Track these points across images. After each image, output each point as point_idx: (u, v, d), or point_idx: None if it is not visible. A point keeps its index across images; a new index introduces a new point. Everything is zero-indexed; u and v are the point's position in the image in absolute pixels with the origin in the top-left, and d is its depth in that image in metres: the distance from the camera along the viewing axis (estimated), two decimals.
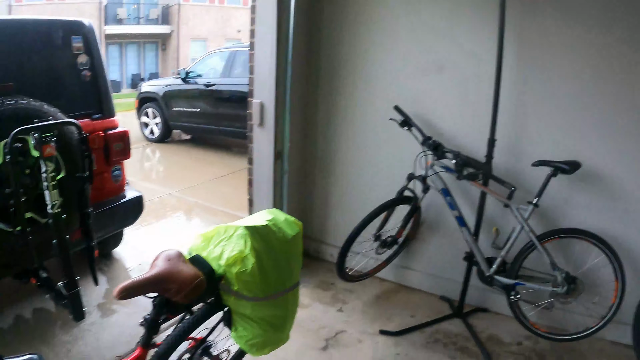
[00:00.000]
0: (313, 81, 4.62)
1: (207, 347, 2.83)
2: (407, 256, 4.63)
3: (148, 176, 9.56)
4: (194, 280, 2.22)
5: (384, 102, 4.18)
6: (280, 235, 2.44)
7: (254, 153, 4.54)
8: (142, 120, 12.18)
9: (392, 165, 4.28)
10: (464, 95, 3.94)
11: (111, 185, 4.56)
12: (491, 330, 4.03)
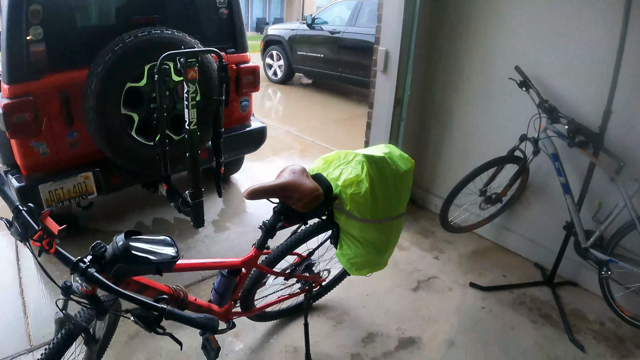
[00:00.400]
0: (437, 34, 4.66)
1: (310, 265, 3.16)
2: (509, 218, 4.67)
3: (268, 114, 9.90)
4: (314, 192, 2.51)
5: (503, 62, 4.20)
6: (393, 168, 2.66)
7: (375, 98, 4.70)
8: (266, 61, 12.65)
9: (506, 124, 4.28)
10: (584, 63, 3.85)
11: (239, 114, 4.97)
12: (577, 305, 4.05)
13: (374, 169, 2.58)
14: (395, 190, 2.68)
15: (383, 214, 2.66)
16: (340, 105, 10.42)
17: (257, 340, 3.41)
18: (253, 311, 3.11)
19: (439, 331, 3.57)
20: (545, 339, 3.61)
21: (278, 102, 11.07)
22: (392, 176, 2.65)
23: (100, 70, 3.60)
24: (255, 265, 2.75)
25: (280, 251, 2.87)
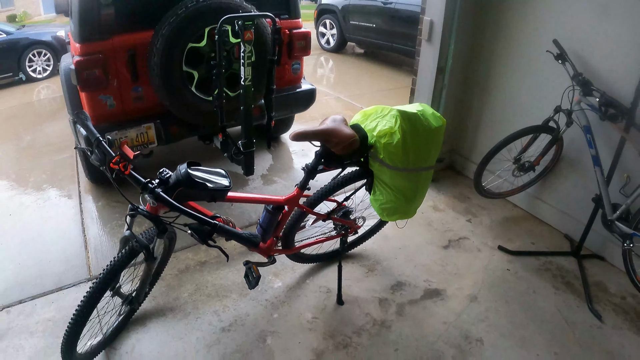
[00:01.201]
0: (484, 4, 4.77)
1: (348, 212, 3.45)
2: (542, 188, 4.79)
3: (320, 81, 10.12)
4: (350, 138, 2.81)
5: (543, 35, 4.29)
6: (425, 124, 2.92)
7: (419, 65, 4.87)
8: (319, 30, 12.86)
9: (543, 95, 4.34)
10: (621, 39, 3.90)
11: (290, 76, 5.29)
12: (601, 278, 4.16)
13: (406, 122, 2.85)
14: (425, 144, 2.96)
15: (413, 164, 2.94)
16: (390, 75, 10.54)
17: (294, 280, 3.73)
18: (293, 250, 3.44)
19: (464, 286, 3.78)
20: (564, 304, 3.77)
21: (330, 70, 11.25)
22: (423, 131, 2.92)
23: (165, 31, 3.98)
24: (296, 204, 3.08)
25: (321, 194, 3.21)
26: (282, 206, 3.02)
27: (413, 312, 3.49)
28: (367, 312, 3.46)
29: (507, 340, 3.35)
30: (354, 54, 12.58)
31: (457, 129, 5.41)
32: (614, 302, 3.87)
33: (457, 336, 3.34)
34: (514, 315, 3.57)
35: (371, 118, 2.96)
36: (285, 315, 3.43)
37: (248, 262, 2.97)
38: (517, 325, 3.49)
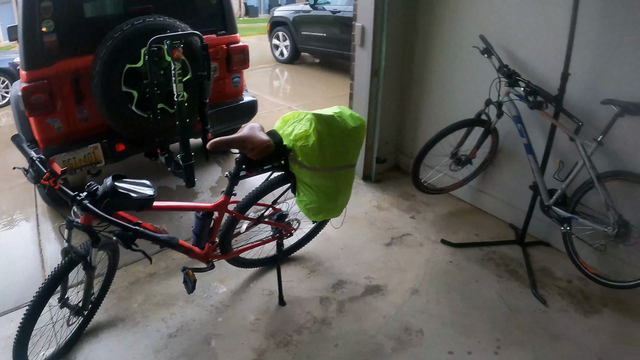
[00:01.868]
0: (414, 6, 4.89)
1: (282, 215, 3.59)
2: (484, 180, 4.90)
3: (276, 92, 10.28)
4: (264, 143, 2.94)
5: (472, 31, 4.39)
6: (342, 125, 3.04)
7: (355, 70, 4.99)
8: (273, 42, 13.03)
9: (476, 90, 4.42)
10: (546, 28, 4.02)
11: (231, 89, 5.44)
12: (546, 263, 4.25)
13: (322, 125, 2.97)
14: (342, 144, 3.08)
15: (331, 164, 3.06)
16: (343, 82, 10.49)
17: (239, 284, 3.79)
18: (230, 254, 3.54)
19: (405, 280, 3.85)
20: (508, 291, 3.85)
21: (285, 81, 11.35)
22: (339, 132, 3.04)
23: (103, 55, 4.14)
24: (226, 210, 3.20)
25: (249, 199, 3.33)
26: (212, 212, 3.14)
27: (353, 308, 3.56)
28: (308, 311, 3.52)
29: (448, 329, 3.42)
30: (309, 64, 12.70)
31: (399, 129, 5.51)
32: (560, 286, 3.96)
33: (397, 328, 3.40)
34: (456, 305, 3.65)
35: (289, 123, 3.09)
36: (230, 319, 3.49)
37: (185, 268, 3.16)
38: (458, 314, 3.57)
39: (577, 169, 3.79)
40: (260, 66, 12.25)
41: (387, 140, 5.30)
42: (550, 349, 3.36)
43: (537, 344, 3.39)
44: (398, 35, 4.93)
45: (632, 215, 3.74)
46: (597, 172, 3.67)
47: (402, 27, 4.95)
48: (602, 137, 3.62)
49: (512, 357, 3.26)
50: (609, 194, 3.67)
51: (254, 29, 21.34)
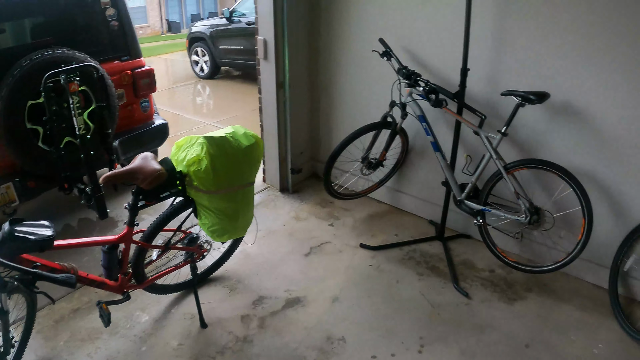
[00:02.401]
0: (315, 16, 4.93)
1: (193, 239, 3.56)
2: (400, 180, 4.96)
3: (199, 109, 10.16)
4: (155, 173, 2.90)
5: (373, 34, 4.44)
6: (235, 145, 3.05)
7: (261, 84, 4.96)
8: (192, 58, 12.85)
9: (383, 93, 4.46)
10: (444, 27, 4.11)
11: (140, 114, 5.33)
12: (468, 256, 4.35)
13: (214, 147, 2.97)
14: (237, 163, 3.08)
15: (226, 185, 3.07)
16: None
17: (160, 311, 3.72)
18: (146, 283, 3.49)
19: (325, 289, 3.86)
20: (429, 288, 3.91)
21: (207, 97, 11.23)
22: (233, 152, 3.05)
23: (4, 93, 4.00)
24: (131, 240, 3.15)
25: (153, 227, 3.29)
26: (117, 245, 3.09)
27: (274, 323, 3.54)
28: (230, 330, 3.49)
29: (370, 334, 3.44)
30: (231, 78, 12.61)
31: (313, 138, 5.53)
32: (482, 277, 4.05)
33: (319, 338, 3.40)
34: (377, 309, 3.67)
35: (182, 149, 3.07)
36: (153, 347, 3.43)
37: (99, 302, 3.10)
38: (380, 317, 3.59)
39: (485, 161, 3.87)
40: (182, 84, 12.13)
41: (301, 150, 5.31)
42: (476, 340, 3.42)
43: (461, 337, 3.44)
44: (301, 46, 4.96)
45: (544, 201, 3.90)
46: (505, 163, 3.75)
47: (305, 38, 4.98)
48: (505, 128, 3.70)
49: (436, 353, 3.30)
50: (518, 183, 3.76)
51: (177, 45, 21.07)
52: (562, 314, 3.71)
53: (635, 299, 3.84)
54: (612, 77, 3.48)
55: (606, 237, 3.84)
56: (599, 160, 3.71)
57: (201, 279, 3.90)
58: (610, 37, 3.42)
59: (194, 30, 12.63)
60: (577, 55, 3.58)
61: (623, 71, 3.43)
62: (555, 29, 3.62)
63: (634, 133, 3.52)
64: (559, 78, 3.69)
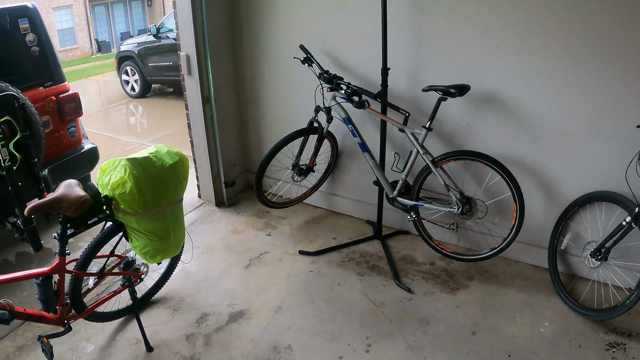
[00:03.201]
0: (237, 28, 4.94)
1: (129, 262, 3.52)
2: (333, 184, 5.00)
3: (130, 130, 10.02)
4: (79, 200, 2.84)
5: (295, 42, 4.47)
6: (159, 164, 3.03)
7: (188, 99, 4.93)
8: (122, 78, 12.62)
9: (309, 98, 4.47)
10: (363, 29, 4.17)
11: (69, 140, 5.19)
12: (407, 251, 4.41)
13: (137, 168, 2.94)
14: (162, 183, 3.06)
15: (153, 206, 3.04)
16: None
17: (105, 339, 3.65)
18: (86, 312, 3.40)
19: (268, 300, 3.86)
20: (371, 287, 3.95)
21: (141, 116, 11.08)
22: (157, 172, 3.03)
23: None
24: (64, 270, 3.07)
25: (86, 255, 3.23)
26: (51, 276, 3.02)
27: (220, 338, 3.52)
28: (176, 351, 3.45)
29: (316, 339, 3.45)
30: (163, 95, 12.48)
31: (244, 149, 5.53)
32: (423, 271, 4.12)
33: (266, 349, 3.40)
34: (321, 313, 3.69)
35: (106, 172, 3.02)
36: None
37: (40, 337, 3.02)
38: (324, 321, 3.61)
39: (413, 157, 3.95)
40: (115, 105, 11.94)
41: (233, 162, 5.30)
42: (422, 333, 3.48)
43: (407, 332, 3.49)
44: (225, 59, 4.96)
45: (475, 190, 4.03)
46: (432, 157, 3.84)
47: (228, 50, 4.98)
48: (430, 123, 3.78)
49: (384, 351, 3.34)
50: (448, 176, 3.85)
51: (108, 65, 20.72)
52: (505, 297, 3.82)
53: (576, 275, 4.01)
54: (529, 65, 3.63)
55: (540, 218, 3.99)
56: (525, 145, 3.85)
57: (143, 302, 3.84)
58: (525, 26, 3.56)
59: (122, 49, 12.43)
60: (494, 45, 3.70)
61: (538, 58, 3.57)
62: (470, 22, 3.73)
63: (554, 117, 3.67)
64: (478, 69, 3.81)
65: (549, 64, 3.57)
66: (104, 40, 30.90)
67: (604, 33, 3.35)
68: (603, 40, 3.36)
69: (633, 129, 3.37)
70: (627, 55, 3.33)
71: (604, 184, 3.69)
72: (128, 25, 33.23)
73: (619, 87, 3.43)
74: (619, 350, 3.35)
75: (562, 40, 3.49)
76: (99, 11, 31.56)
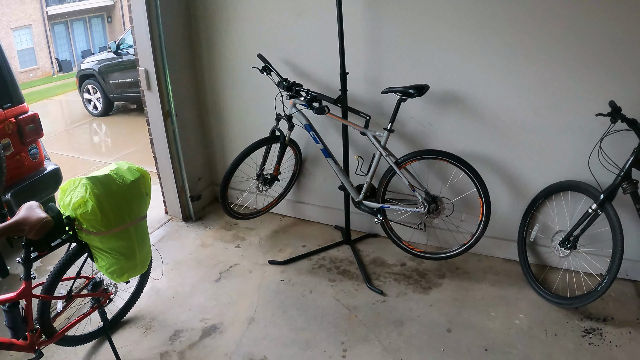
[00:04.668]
0: (195, 40, 4.91)
1: (98, 283, 3.47)
2: (299, 191, 5.01)
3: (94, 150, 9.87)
4: (40, 222, 2.78)
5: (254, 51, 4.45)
6: (120, 182, 3.00)
7: (149, 114, 4.88)
8: (84, 97, 12.45)
9: (270, 108, 4.42)
10: (320, 35, 4.19)
11: (30, 162, 5.08)
12: (377, 254, 4.43)
13: (98, 187, 2.91)
14: (125, 200, 3.03)
15: (116, 224, 3.00)
16: None
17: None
18: (56, 336, 3.33)
19: (240, 312, 3.83)
20: (343, 293, 3.96)
21: (105, 135, 10.95)
22: (118, 189, 3.00)
23: None
24: (31, 295, 2.99)
25: (52, 278, 3.16)
26: (17, 302, 2.96)
27: (194, 354, 3.48)
28: None
29: (291, 349, 3.44)
30: (126, 112, 12.36)
31: (209, 162, 5.50)
32: (394, 272, 4.14)
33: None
34: (294, 322, 3.68)
35: (67, 192, 2.98)
36: None
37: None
38: (298, 330, 3.60)
39: (376, 160, 3.96)
40: (78, 124, 11.78)
41: (198, 176, 5.26)
42: (397, 334, 3.49)
43: (382, 335, 3.50)
44: (185, 73, 4.94)
45: (440, 188, 4.08)
46: (396, 159, 3.86)
47: (187, 63, 4.95)
48: (391, 125, 3.81)
49: (360, 355, 3.35)
50: (412, 176, 3.89)
51: (70, 84, 20.42)
52: (478, 293, 3.86)
53: (547, 265, 4.09)
54: (487, 62, 3.70)
55: (507, 212, 4.06)
56: (487, 141, 3.91)
57: (114, 322, 3.77)
58: (482, 25, 3.63)
59: (83, 67, 12.25)
60: (452, 45, 3.76)
61: (496, 55, 3.65)
62: (427, 23, 3.79)
63: (514, 110, 3.74)
64: (436, 69, 3.86)
65: (507, 60, 3.65)
66: (65, 59, 30.55)
67: (561, 29, 3.43)
68: (560, 36, 3.45)
69: (592, 118, 3.43)
70: (583, 48, 3.43)
71: (568, 173, 3.76)
72: (89, 42, 32.87)
73: (576, 78, 3.52)
74: (596, 335, 3.42)
75: (518, 38, 3.56)
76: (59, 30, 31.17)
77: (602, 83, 3.48)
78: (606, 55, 3.40)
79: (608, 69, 3.43)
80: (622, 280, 3.91)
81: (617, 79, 3.44)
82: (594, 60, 3.44)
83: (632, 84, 3.42)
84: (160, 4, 4.33)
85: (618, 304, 3.72)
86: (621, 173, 3.40)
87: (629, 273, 3.91)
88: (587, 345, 3.35)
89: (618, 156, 3.45)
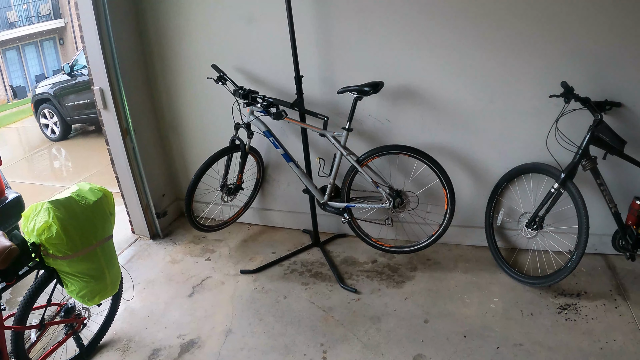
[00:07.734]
0: (149, 56, 4.88)
1: (70, 309, 3.41)
2: (265, 198, 5.02)
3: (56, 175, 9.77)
4: (5, 250, 2.72)
5: (209, 62, 4.44)
6: (82, 203, 2.99)
7: (107, 134, 4.82)
8: (41, 122, 12.19)
9: (227, 118, 4.43)
10: (272, 41, 4.20)
11: None
12: (348, 253, 4.46)
13: (61, 210, 2.88)
14: (89, 221, 3.01)
15: (82, 246, 2.98)
16: None
17: None
18: None
19: (216, 324, 3.81)
20: (317, 295, 3.98)
21: (65, 159, 10.78)
22: (82, 211, 2.98)
23: None
24: (2, 326, 2.93)
25: (22, 308, 3.09)
26: None
27: None
28: None
29: (271, 355, 3.44)
30: (85, 134, 12.17)
31: (172, 178, 5.46)
32: (366, 270, 4.17)
33: None
34: (271, 329, 3.68)
35: (30, 219, 2.93)
36: None
37: None
38: (276, 336, 3.60)
39: (337, 160, 4.00)
40: (37, 151, 11.57)
41: (162, 192, 5.22)
42: (375, 330, 3.52)
43: (361, 332, 3.53)
44: (141, 89, 4.89)
45: (404, 182, 4.15)
46: (356, 157, 3.90)
47: (143, 80, 4.92)
48: (349, 124, 3.85)
49: (340, 355, 3.37)
50: (374, 173, 3.94)
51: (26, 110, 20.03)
52: (451, 282, 3.92)
53: (516, 247, 4.18)
54: (438, 56, 3.79)
55: (472, 200, 4.14)
56: (445, 131, 3.99)
57: (91, 348, 3.70)
58: (430, 20, 3.71)
59: (38, 91, 12.01)
60: (403, 41, 3.83)
61: (446, 49, 3.74)
62: (377, 22, 3.84)
63: (469, 99, 3.83)
64: (389, 66, 3.92)
65: (457, 52, 3.73)
66: (19, 86, 30.02)
67: (506, 16, 3.55)
68: (505, 23, 3.57)
69: (547, 100, 3.54)
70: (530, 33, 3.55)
71: (528, 156, 3.85)
72: (42, 66, 32.30)
73: (526, 63, 3.62)
74: (571, 310, 3.50)
75: (465, 29, 3.65)
76: (11, 56, 30.61)
77: (553, 65, 3.57)
78: (554, 37, 3.50)
79: (557, 50, 3.53)
80: (591, 254, 4.01)
81: (567, 59, 3.54)
82: (542, 43, 3.53)
83: (582, 63, 3.52)
84: (112, 22, 4.30)
85: (590, 278, 3.82)
86: (579, 151, 3.49)
87: (597, 247, 4.00)
88: (564, 321, 3.42)
89: (575, 135, 3.54)
